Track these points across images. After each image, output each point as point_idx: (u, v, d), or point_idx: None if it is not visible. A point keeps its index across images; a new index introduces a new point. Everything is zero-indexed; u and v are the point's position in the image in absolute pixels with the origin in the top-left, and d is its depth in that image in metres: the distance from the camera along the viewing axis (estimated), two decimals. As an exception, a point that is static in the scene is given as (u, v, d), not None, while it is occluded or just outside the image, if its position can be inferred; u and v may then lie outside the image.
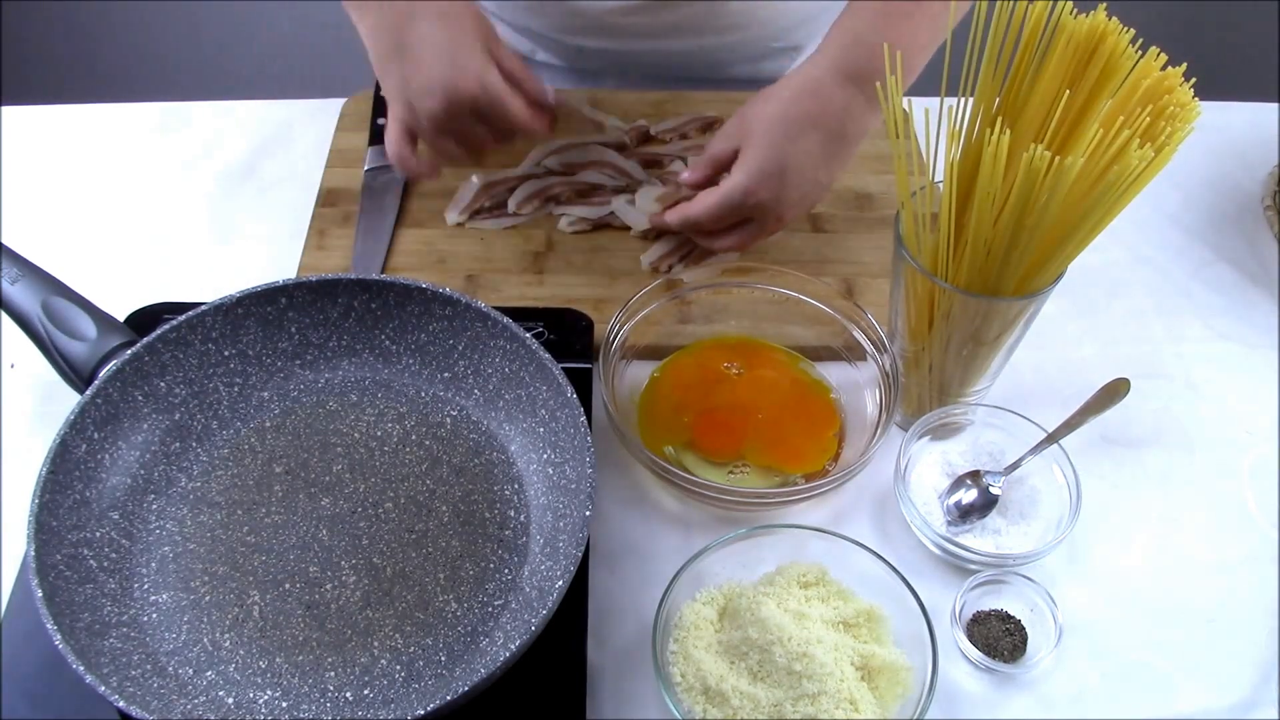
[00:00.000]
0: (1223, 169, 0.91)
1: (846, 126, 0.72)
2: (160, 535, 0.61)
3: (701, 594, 0.60)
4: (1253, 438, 0.72)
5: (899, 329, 0.68)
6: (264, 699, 0.55)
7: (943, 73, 0.58)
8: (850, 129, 0.73)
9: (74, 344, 0.62)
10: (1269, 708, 0.60)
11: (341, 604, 0.58)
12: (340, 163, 0.87)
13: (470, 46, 0.72)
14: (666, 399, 0.71)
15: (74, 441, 0.58)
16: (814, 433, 0.69)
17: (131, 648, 0.55)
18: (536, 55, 1.03)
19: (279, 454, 0.64)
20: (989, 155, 0.54)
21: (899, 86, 0.59)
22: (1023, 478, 0.67)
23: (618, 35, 0.96)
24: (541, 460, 0.64)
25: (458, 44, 0.72)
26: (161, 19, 1.92)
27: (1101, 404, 0.69)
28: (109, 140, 0.90)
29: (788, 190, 0.71)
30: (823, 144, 0.72)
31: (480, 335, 0.66)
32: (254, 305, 0.65)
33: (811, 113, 0.72)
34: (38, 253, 0.66)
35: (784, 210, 0.72)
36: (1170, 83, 0.55)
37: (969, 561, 0.64)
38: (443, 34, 0.72)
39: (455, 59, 0.71)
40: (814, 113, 0.72)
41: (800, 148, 0.71)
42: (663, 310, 0.74)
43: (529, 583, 0.59)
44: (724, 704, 0.55)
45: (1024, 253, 0.58)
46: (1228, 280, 0.82)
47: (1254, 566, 0.66)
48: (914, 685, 0.57)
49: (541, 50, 1.03)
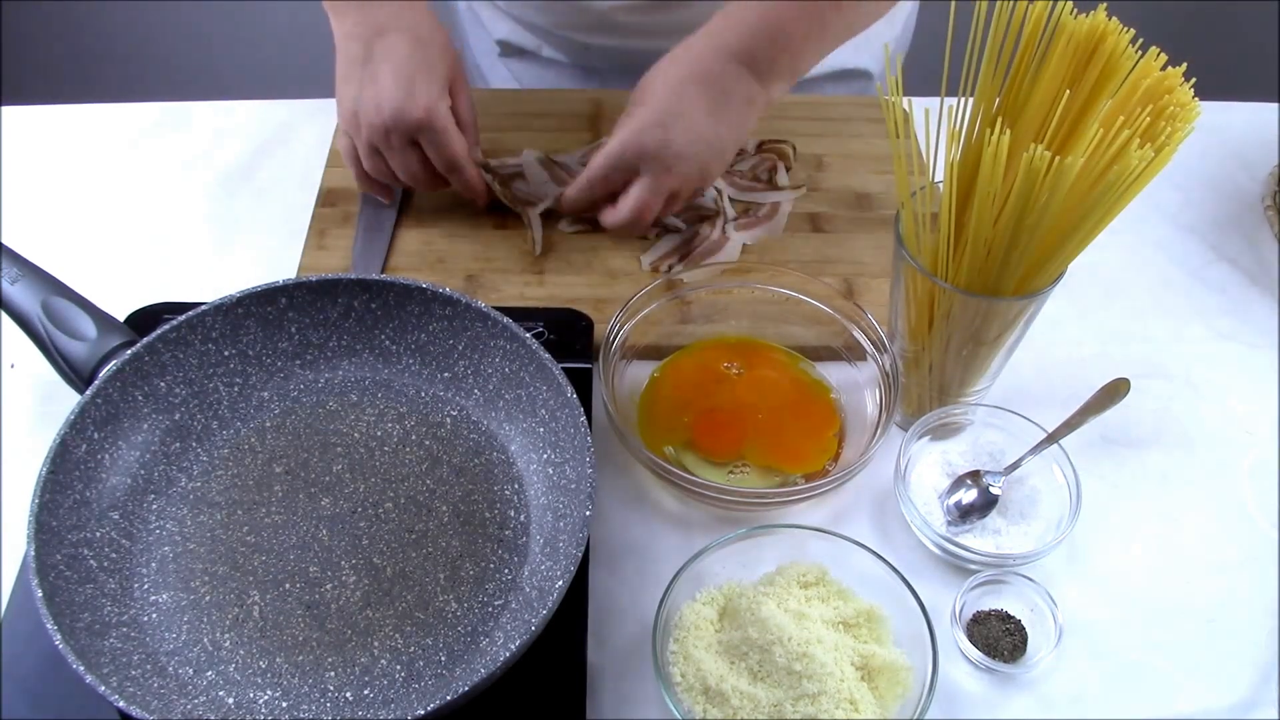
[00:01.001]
0: (1223, 169, 0.91)
1: (729, 88, 0.73)
2: (160, 535, 0.61)
3: (701, 594, 0.60)
4: (1253, 438, 0.72)
5: (899, 329, 0.68)
6: (264, 699, 0.55)
7: (943, 73, 0.58)
8: (734, 91, 0.73)
9: (74, 344, 0.62)
10: (1269, 708, 0.60)
11: (341, 604, 0.58)
12: (340, 163, 0.86)
13: (430, 74, 0.73)
14: (666, 399, 0.71)
15: (74, 441, 0.58)
16: (814, 433, 0.69)
17: (131, 648, 0.55)
18: (543, 51, 1.03)
19: (279, 454, 0.64)
20: (989, 155, 0.54)
21: (899, 86, 0.59)
22: (1023, 478, 0.67)
23: (624, 33, 0.96)
24: (541, 460, 0.64)
25: (419, 68, 0.73)
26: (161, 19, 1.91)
27: (1101, 404, 0.69)
28: (109, 140, 0.90)
29: (673, 135, 0.71)
30: (705, 99, 0.72)
31: (480, 335, 0.66)
32: (254, 305, 0.65)
33: (692, 74, 0.73)
34: (38, 253, 0.67)
35: (671, 159, 0.72)
36: (1170, 83, 0.55)
37: (969, 561, 0.64)
38: (408, 56, 0.73)
39: (412, 82, 0.72)
40: (694, 75, 0.73)
41: (683, 100, 0.72)
42: (663, 310, 0.74)
43: (529, 583, 0.59)
44: (724, 704, 0.55)
45: (1024, 253, 0.58)
46: (1228, 280, 0.82)
47: (1254, 566, 0.66)
48: (914, 685, 0.57)
49: (548, 47, 1.03)
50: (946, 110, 0.58)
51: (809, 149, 0.88)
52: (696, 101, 0.72)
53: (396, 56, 0.73)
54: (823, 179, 0.86)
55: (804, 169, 0.87)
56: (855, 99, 0.95)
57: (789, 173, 0.86)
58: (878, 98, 0.95)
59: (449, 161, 0.75)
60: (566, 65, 1.04)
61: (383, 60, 0.73)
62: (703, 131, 0.72)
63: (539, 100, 0.92)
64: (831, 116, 0.92)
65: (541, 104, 0.91)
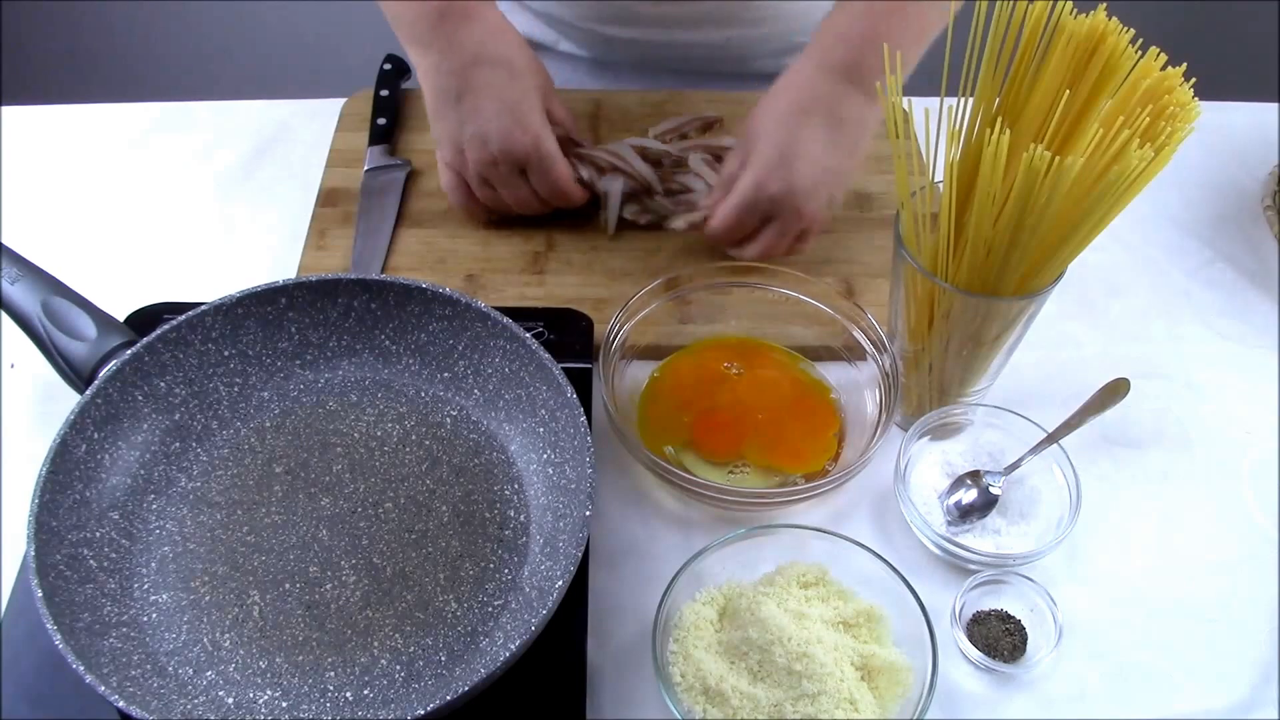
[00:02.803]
0: (1223, 169, 0.91)
1: (841, 112, 0.73)
2: (160, 535, 0.61)
3: (701, 594, 0.60)
4: (1253, 438, 0.72)
5: (899, 329, 0.68)
6: (264, 699, 0.55)
7: (943, 73, 0.58)
8: (846, 115, 0.73)
9: (74, 344, 0.62)
10: (1269, 708, 0.60)
11: (341, 604, 0.58)
12: (340, 163, 0.87)
13: (531, 104, 0.74)
14: (666, 399, 0.71)
15: (74, 441, 0.58)
16: (814, 433, 0.69)
17: (131, 648, 0.55)
18: (560, 46, 1.03)
19: (279, 454, 0.64)
20: (989, 155, 0.54)
21: (898, 86, 0.59)
22: (1023, 478, 0.67)
23: (645, 24, 0.96)
24: (541, 460, 0.64)
25: (520, 98, 0.74)
26: (161, 19, 1.92)
27: (1101, 404, 0.69)
28: (109, 140, 0.90)
29: (796, 177, 0.71)
30: (820, 129, 0.72)
31: (480, 335, 0.66)
32: (254, 305, 0.65)
33: (802, 103, 0.73)
34: (38, 253, 0.67)
35: (800, 200, 0.72)
36: (1170, 83, 0.55)
37: (969, 561, 0.64)
38: (506, 85, 0.74)
39: (516, 113, 0.73)
40: (804, 103, 0.73)
41: (799, 135, 0.72)
42: (663, 310, 0.74)
43: (529, 583, 0.59)
44: (724, 704, 0.55)
45: (1024, 253, 0.58)
46: (1228, 280, 0.82)
47: (1254, 566, 0.66)
48: (914, 685, 0.57)
49: (565, 41, 1.03)
50: (946, 110, 0.58)
51: (809, 149, 0.88)
52: (813, 134, 0.72)
53: (496, 87, 0.74)
54: (823, 179, 0.86)
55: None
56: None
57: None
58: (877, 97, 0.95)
59: (554, 188, 0.76)
60: (583, 59, 1.04)
61: (482, 93, 0.74)
62: (824, 163, 0.72)
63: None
64: (831, 116, 0.92)
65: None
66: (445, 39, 0.75)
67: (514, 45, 0.76)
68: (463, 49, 0.74)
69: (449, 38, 0.74)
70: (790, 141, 0.72)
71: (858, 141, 0.74)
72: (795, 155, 0.71)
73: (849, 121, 0.73)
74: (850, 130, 0.73)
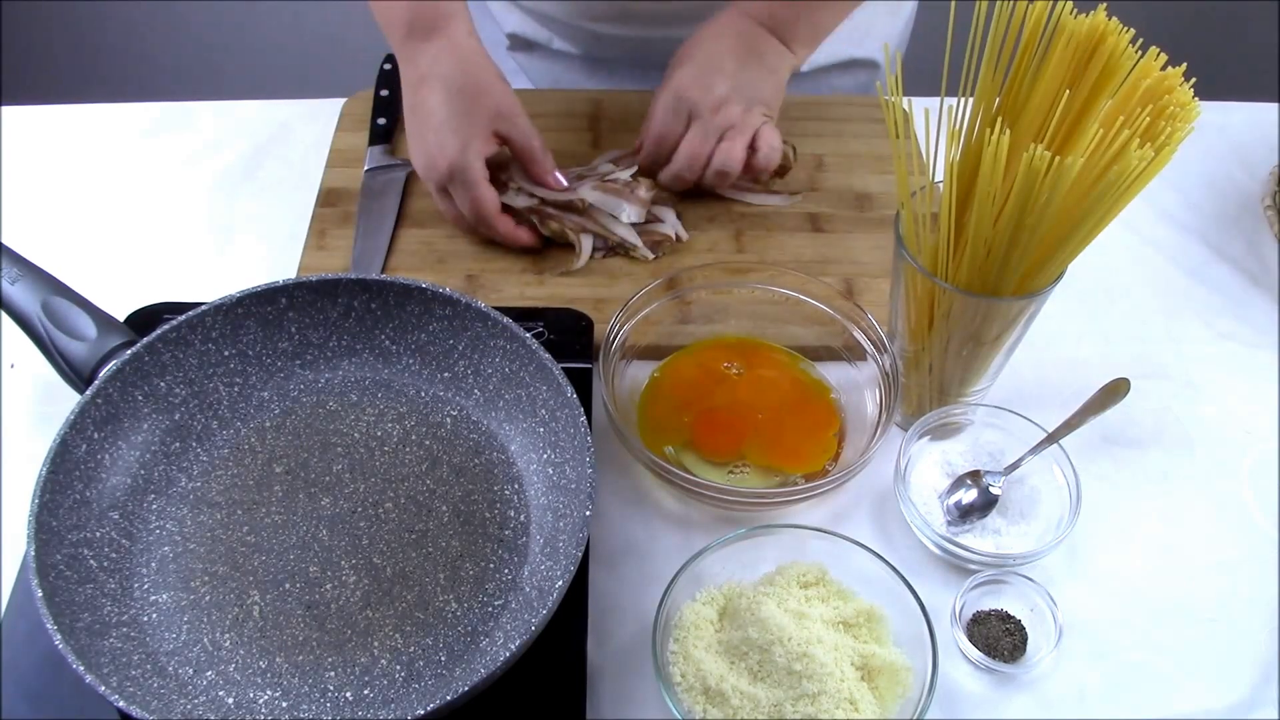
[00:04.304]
0: (1223, 169, 0.91)
1: (759, 47, 0.81)
2: (160, 535, 0.61)
3: (701, 594, 0.60)
4: (1252, 438, 0.72)
5: (899, 329, 0.68)
6: (264, 699, 0.55)
7: (943, 73, 0.58)
8: (764, 50, 0.80)
9: (74, 344, 0.62)
10: (1269, 708, 0.60)
11: (341, 604, 0.58)
12: (340, 163, 0.87)
13: (461, 124, 0.75)
14: (666, 399, 0.71)
15: (74, 441, 0.58)
16: (814, 433, 0.69)
17: (131, 648, 0.55)
18: (553, 44, 1.03)
19: (279, 454, 0.64)
20: (989, 155, 0.54)
21: (899, 85, 0.59)
22: (1023, 478, 0.67)
23: (637, 21, 0.96)
24: (541, 460, 0.64)
25: (450, 119, 0.75)
26: (162, 19, 1.92)
27: (1101, 404, 0.69)
28: (109, 140, 0.90)
29: (712, 80, 0.78)
30: (735, 54, 0.80)
31: (480, 335, 0.66)
32: (254, 305, 0.65)
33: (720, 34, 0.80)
34: (38, 253, 0.66)
35: (716, 99, 0.77)
36: (1170, 83, 0.55)
37: (969, 561, 0.64)
38: (439, 106, 0.75)
39: (440, 134, 0.74)
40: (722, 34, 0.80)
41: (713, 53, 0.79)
42: (663, 310, 0.74)
43: (529, 583, 0.59)
44: (724, 704, 0.55)
45: (1024, 253, 0.58)
46: (1228, 280, 0.82)
47: (1254, 566, 0.66)
48: (914, 685, 0.57)
49: (558, 39, 1.03)
50: (946, 110, 0.58)
51: (809, 149, 0.88)
52: (728, 54, 0.79)
53: (430, 108, 0.75)
54: (823, 179, 0.86)
55: (804, 169, 0.87)
56: (855, 99, 0.95)
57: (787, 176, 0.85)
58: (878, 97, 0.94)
59: (475, 215, 0.77)
60: (576, 57, 1.03)
61: (420, 111, 0.76)
62: (739, 76, 0.79)
63: (539, 99, 0.92)
64: (831, 116, 0.92)
65: (542, 103, 0.91)
66: (408, 53, 0.77)
67: (467, 65, 0.76)
68: (416, 66, 0.77)
69: (409, 52, 0.77)
70: (705, 58, 0.79)
71: (775, 72, 0.81)
72: (711, 69, 0.78)
73: (766, 54, 0.80)
74: (768, 61, 0.80)
